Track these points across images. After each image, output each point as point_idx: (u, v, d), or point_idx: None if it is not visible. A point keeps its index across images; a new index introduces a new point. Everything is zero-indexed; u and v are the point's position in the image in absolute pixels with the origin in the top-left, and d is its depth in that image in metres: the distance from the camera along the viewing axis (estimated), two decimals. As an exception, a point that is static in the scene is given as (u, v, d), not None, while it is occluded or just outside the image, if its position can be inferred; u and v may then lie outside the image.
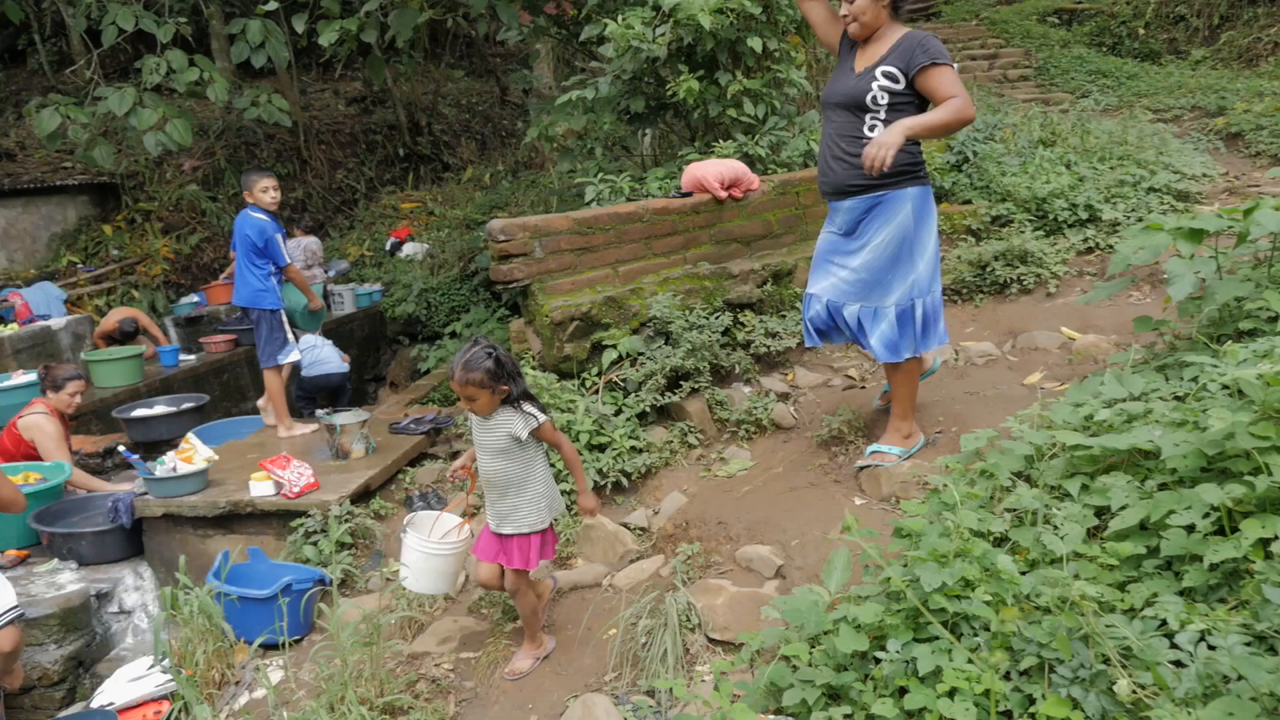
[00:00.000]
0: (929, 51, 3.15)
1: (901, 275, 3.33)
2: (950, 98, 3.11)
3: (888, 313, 3.35)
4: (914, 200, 3.29)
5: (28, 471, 5.09)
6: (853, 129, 3.28)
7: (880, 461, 3.52)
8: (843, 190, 3.35)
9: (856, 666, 2.33)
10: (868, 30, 3.27)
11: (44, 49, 14.41)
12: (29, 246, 11.80)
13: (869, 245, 3.33)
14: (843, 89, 3.30)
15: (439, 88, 15.01)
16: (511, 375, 3.03)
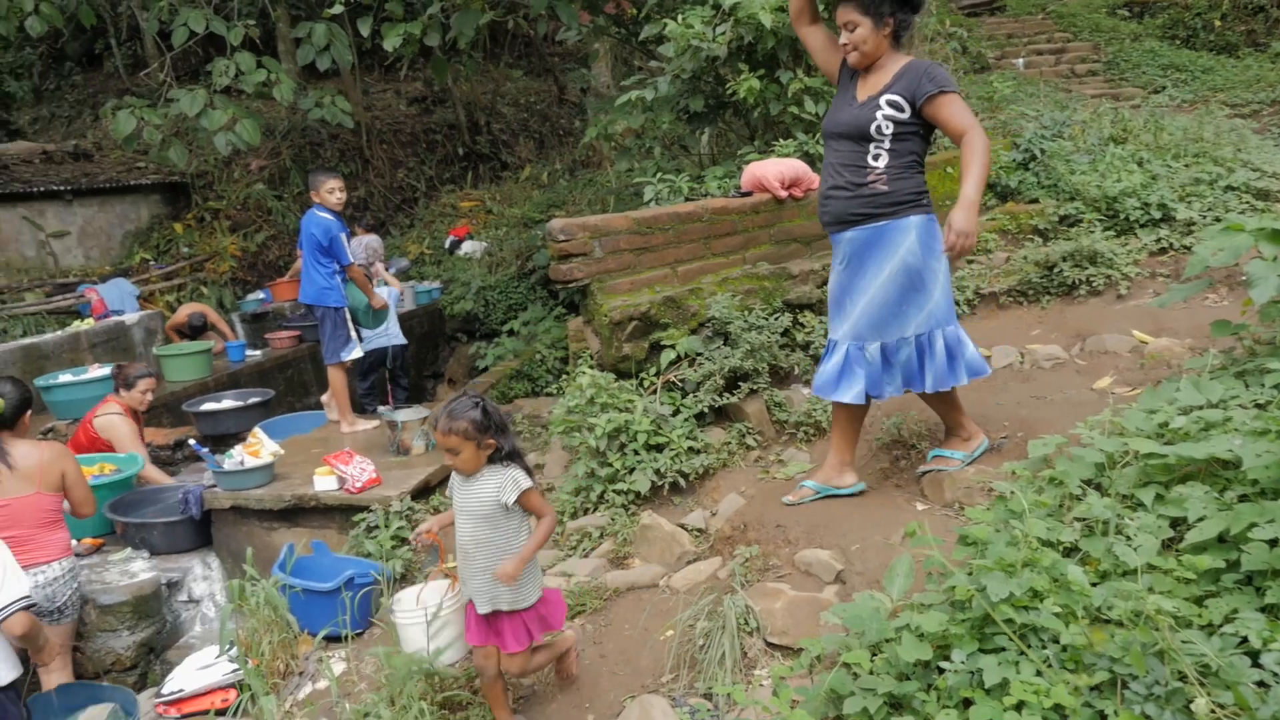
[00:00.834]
0: (936, 79, 3.06)
1: (917, 305, 3.21)
2: (963, 128, 3.03)
3: (908, 344, 3.25)
4: (918, 230, 3.17)
5: (103, 463, 5.26)
6: (856, 159, 3.18)
7: (943, 466, 3.45)
8: (843, 221, 3.25)
9: (919, 676, 2.29)
10: (868, 59, 3.17)
11: (119, 53, 14.89)
12: (104, 244, 12.21)
13: (878, 279, 3.21)
14: (846, 118, 3.21)
15: (498, 87, 15.16)
16: (499, 428, 2.78)
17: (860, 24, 3.11)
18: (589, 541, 3.99)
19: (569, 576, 3.71)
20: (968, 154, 3.02)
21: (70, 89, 16.17)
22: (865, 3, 3.10)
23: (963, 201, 2.98)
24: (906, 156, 3.17)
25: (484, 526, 2.82)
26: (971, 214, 2.95)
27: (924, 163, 3.24)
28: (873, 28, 3.10)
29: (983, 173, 3.01)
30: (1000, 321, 4.94)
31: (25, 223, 11.42)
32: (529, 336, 8.41)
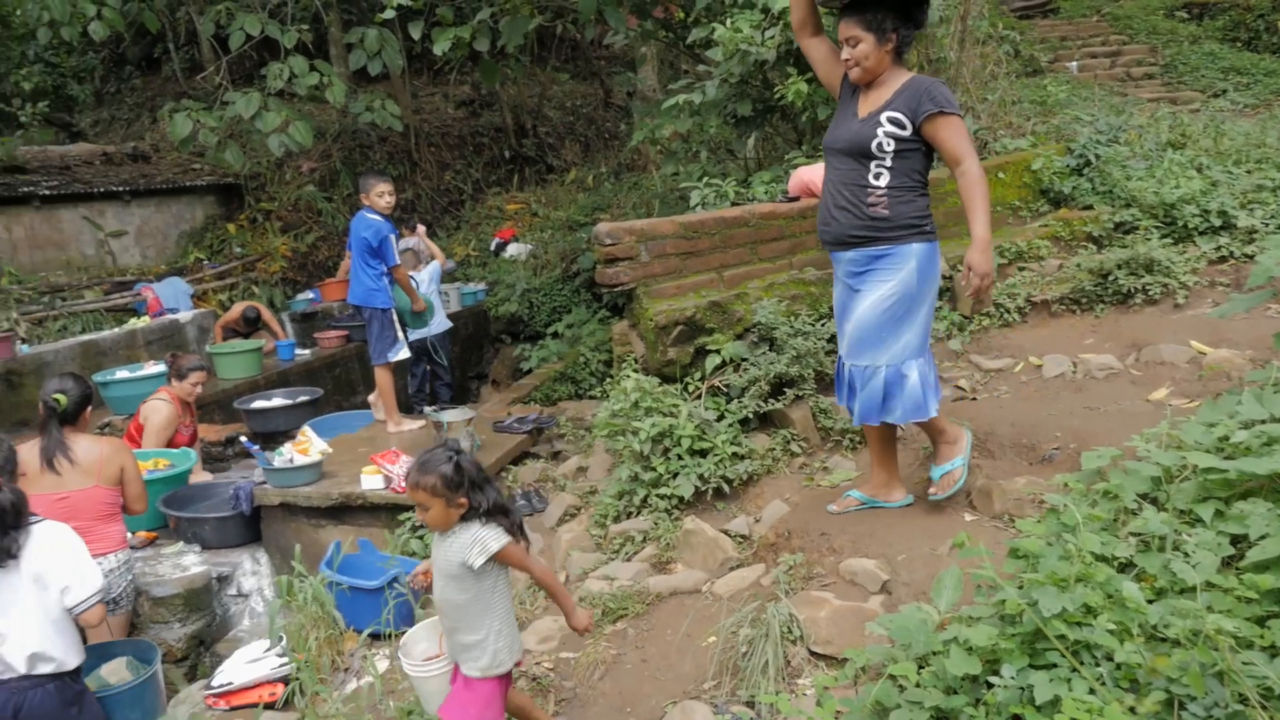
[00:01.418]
0: (936, 99, 2.98)
1: (897, 334, 3.15)
2: (959, 156, 2.97)
3: (878, 373, 3.18)
4: (919, 257, 3.10)
5: (157, 458, 5.38)
6: (857, 177, 3.10)
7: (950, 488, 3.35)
8: (844, 241, 3.17)
9: (967, 690, 2.25)
10: (870, 75, 3.09)
11: (177, 57, 15.24)
12: (160, 243, 12.50)
13: (869, 300, 3.14)
14: (846, 135, 3.13)
15: (544, 91, 15.25)
16: (474, 486, 2.59)
17: (863, 39, 3.03)
18: (631, 545, 3.99)
19: (611, 580, 3.72)
20: (969, 190, 2.95)
21: (130, 92, 16.59)
22: (868, 18, 3.02)
23: (978, 243, 2.93)
24: (909, 176, 3.07)
25: (452, 587, 2.64)
26: (989, 254, 2.93)
27: (927, 182, 3.16)
28: (875, 43, 3.03)
29: (987, 206, 2.96)
30: (1052, 330, 4.86)
31: (86, 222, 11.73)
32: (573, 339, 8.45)
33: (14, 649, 2.83)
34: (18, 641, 2.84)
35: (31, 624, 2.88)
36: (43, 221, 11.40)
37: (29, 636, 2.87)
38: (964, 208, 3.00)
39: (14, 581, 2.88)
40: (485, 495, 2.62)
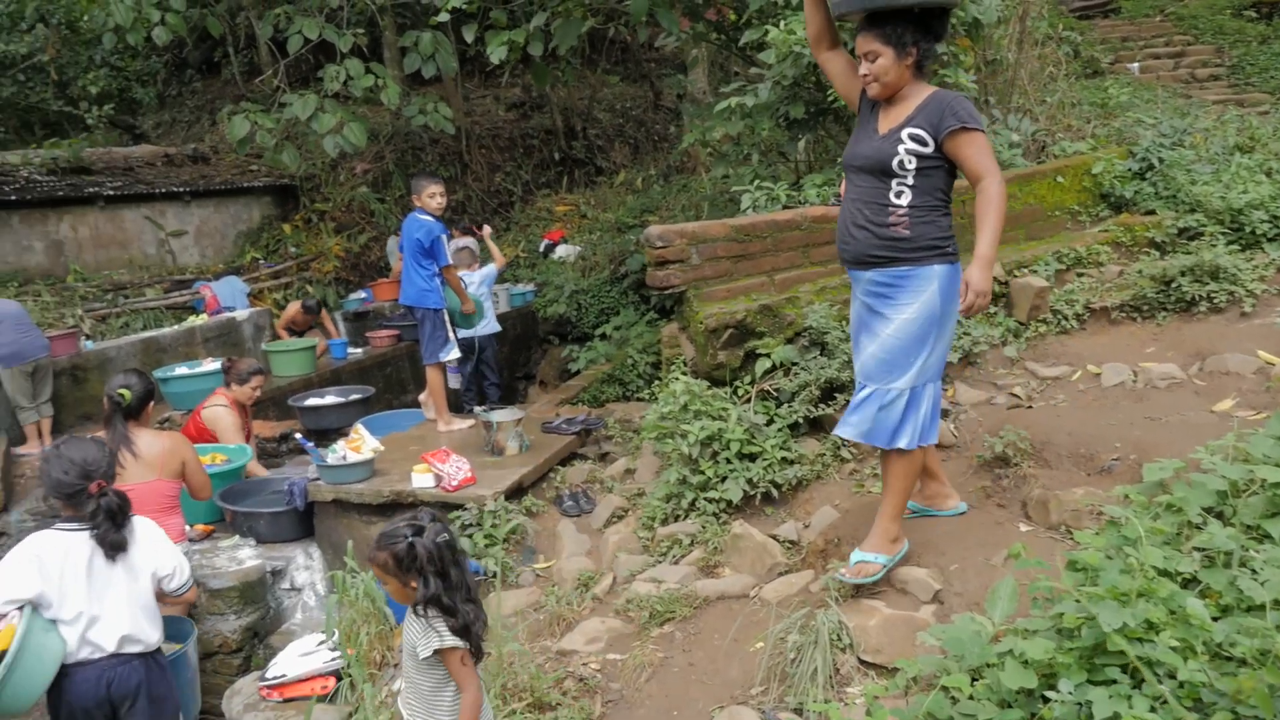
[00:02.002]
0: (959, 114, 2.86)
1: (921, 357, 3.03)
2: (981, 173, 2.85)
3: (901, 396, 3.04)
4: (941, 279, 2.96)
5: (215, 453, 5.50)
6: (877, 195, 2.99)
7: (859, 576, 3.10)
8: (864, 261, 3.05)
9: (1022, 704, 2.21)
10: (889, 91, 2.97)
11: (236, 60, 15.58)
12: (218, 243, 12.79)
13: (893, 325, 3.02)
14: (866, 151, 3.01)
15: (594, 93, 15.31)
16: (423, 572, 2.44)
17: (882, 54, 2.91)
18: (679, 548, 3.99)
19: (659, 582, 3.72)
20: (983, 205, 2.84)
21: (190, 95, 17.00)
22: (887, 31, 2.90)
23: (979, 259, 2.81)
24: (931, 195, 2.96)
25: (409, 664, 2.56)
26: (989, 272, 2.81)
27: (950, 201, 3.04)
28: (895, 58, 2.91)
29: (999, 226, 2.84)
30: (1111, 338, 4.75)
31: (147, 222, 12.05)
32: (621, 341, 8.46)
33: (105, 632, 3.02)
34: (110, 625, 3.03)
35: (123, 609, 3.08)
36: (107, 221, 11.74)
37: (120, 621, 3.06)
38: (977, 223, 2.87)
39: (110, 571, 3.08)
40: (430, 586, 2.44)
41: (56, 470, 3.07)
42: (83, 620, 2.99)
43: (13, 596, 2.92)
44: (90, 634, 3.00)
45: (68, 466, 3.05)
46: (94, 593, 3.02)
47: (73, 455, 3.09)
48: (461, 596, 2.51)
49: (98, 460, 3.13)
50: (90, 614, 3.00)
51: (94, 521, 3.03)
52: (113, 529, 3.05)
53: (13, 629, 2.86)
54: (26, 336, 7.25)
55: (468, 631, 2.49)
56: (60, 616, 2.98)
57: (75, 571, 3.00)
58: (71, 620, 2.98)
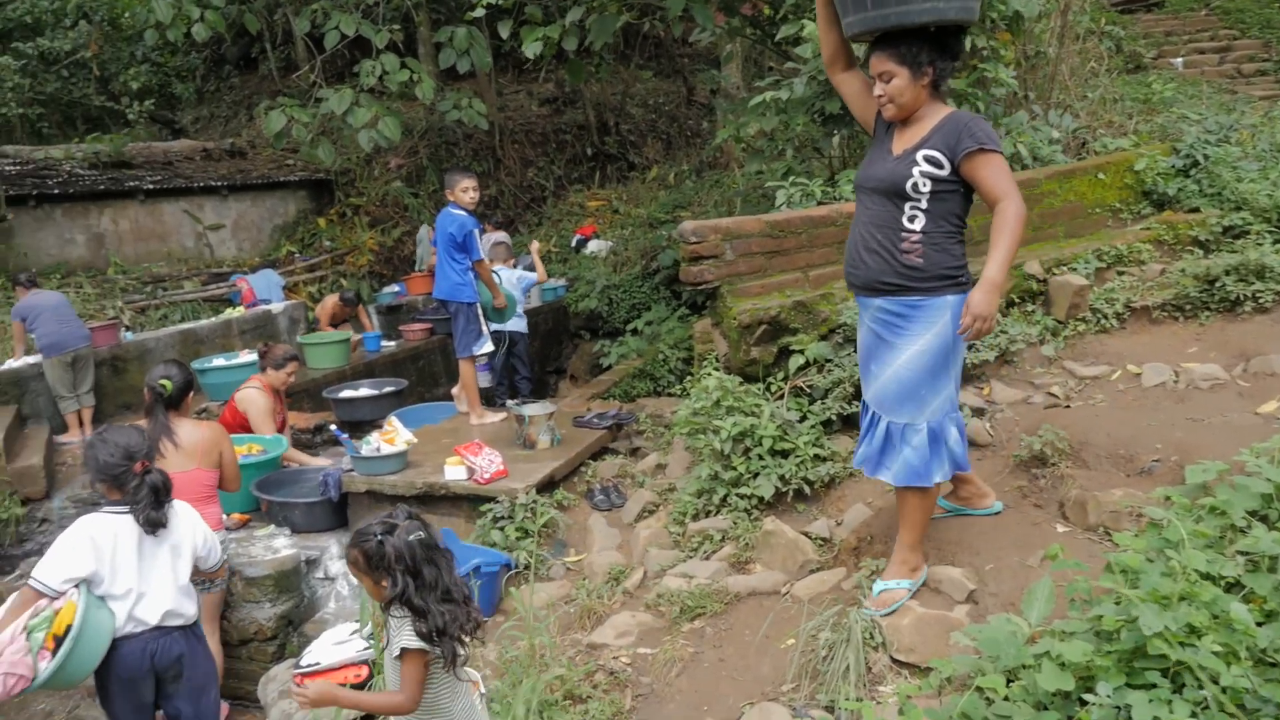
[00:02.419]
0: (976, 136, 2.75)
1: (936, 389, 2.93)
2: (1000, 194, 2.74)
3: (919, 430, 2.95)
4: (954, 309, 2.86)
5: (251, 443, 5.57)
6: (890, 219, 2.89)
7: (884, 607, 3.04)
8: (874, 287, 2.95)
9: (1059, 707, 2.19)
10: (905, 112, 2.88)
11: (273, 56, 15.77)
12: (255, 236, 12.96)
13: (904, 355, 2.93)
14: (880, 173, 2.92)
15: (628, 88, 15.32)
16: (391, 571, 2.46)
17: (897, 74, 2.82)
18: (710, 544, 3.98)
19: (689, 578, 3.72)
20: (999, 227, 2.74)
21: (228, 90, 17.23)
22: (902, 51, 2.80)
23: (985, 282, 2.71)
24: (946, 220, 2.86)
25: (387, 663, 2.56)
26: (993, 296, 2.71)
27: (964, 227, 2.95)
28: (910, 78, 2.81)
29: (1011, 249, 2.73)
30: (1152, 337, 4.67)
31: (186, 216, 12.24)
32: (652, 336, 8.47)
33: (149, 607, 3.19)
34: (153, 600, 3.20)
35: (167, 586, 3.25)
36: (146, 215, 11.94)
37: (164, 596, 3.24)
38: (990, 244, 2.77)
39: (155, 550, 3.25)
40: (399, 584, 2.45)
41: (102, 454, 3.20)
42: (131, 596, 3.15)
43: (71, 575, 3.06)
44: (136, 610, 3.16)
45: (112, 450, 3.19)
46: (141, 571, 3.19)
47: (116, 439, 3.24)
48: (436, 597, 2.50)
49: (139, 444, 3.28)
50: (138, 590, 3.17)
51: (137, 498, 3.17)
52: (154, 506, 3.19)
53: (73, 605, 3.00)
54: (66, 327, 7.39)
55: (441, 635, 2.47)
56: (111, 593, 3.13)
57: (125, 551, 3.16)
58: (121, 596, 3.14)
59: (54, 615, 2.98)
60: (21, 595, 3.07)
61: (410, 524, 2.55)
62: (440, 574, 2.53)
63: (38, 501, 6.69)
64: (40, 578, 3.05)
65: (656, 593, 3.73)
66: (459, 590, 2.58)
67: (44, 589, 3.04)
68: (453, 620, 2.50)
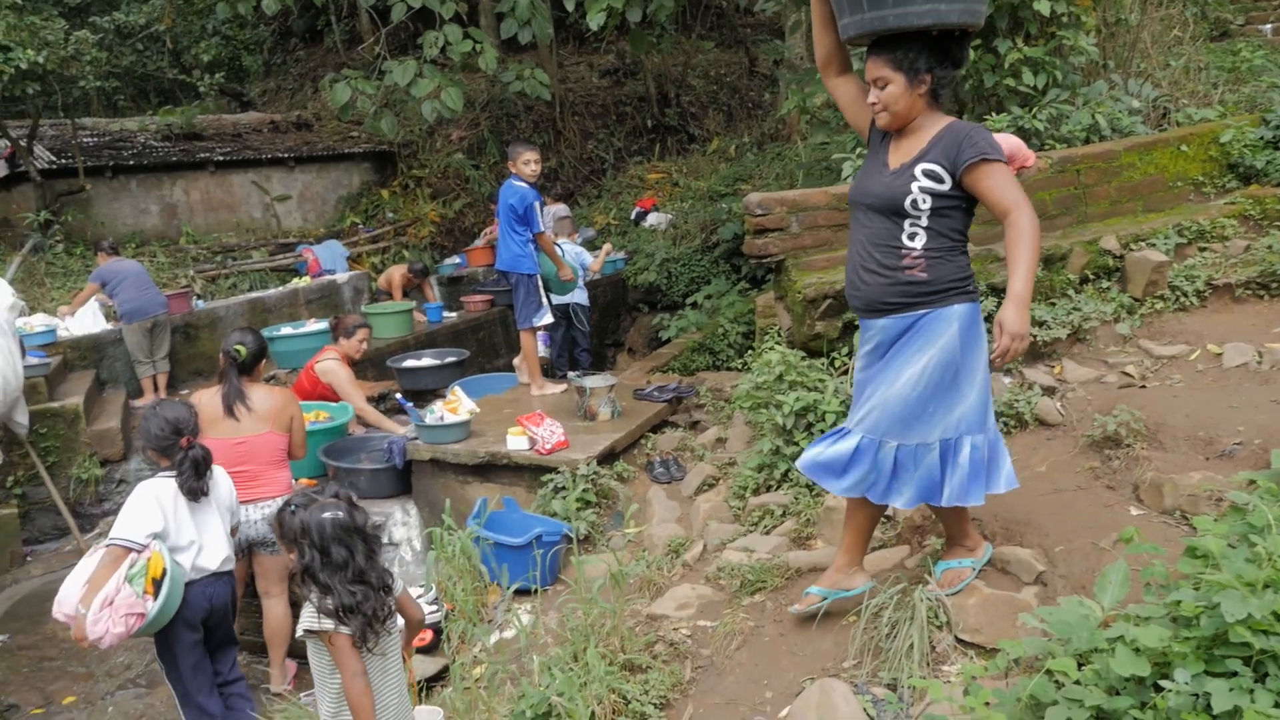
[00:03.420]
0: (978, 145, 2.59)
1: (947, 405, 2.75)
2: (1009, 205, 2.58)
3: (930, 450, 2.78)
4: (961, 320, 2.70)
5: (318, 410, 5.70)
6: (889, 236, 2.72)
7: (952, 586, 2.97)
8: (876, 308, 2.78)
9: (1132, 692, 2.14)
10: (900, 122, 2.70)
11: (338, 29, 15.93)
12: (320, 208, 13.18)
13: (909, 370, 2.75)
14: (876, 189, 2.74)
15: (689, 59, 15.17)
16: (298, 543, 2.61)
17: (892, 81, 2.65)
18: (770, 519, 3.97)
19: (750, 552, 3.71)
20: (1015, 240, 2.58)
21: (294, 63, 17.48)
22: (898, 56, 2.63)
23: (1014, 298, 2.56)
24: (947, 236, 2.70)
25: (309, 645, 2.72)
26: (1024, 313, 2.57)
27: (967, 238, 2.77)
28: (906, 85, 2.64)
29: (1034, 262, 2.59)
30: (1235, 316, 4.50)
31: (254, 187, 12.49)
32: (712, 310, 8.43)
33: (209, 556, 3.60)
34: (211, 550, 3.61)
35: (220, 539, 3.69)
36: (216, 185, 12.22)
37: (219, 547, 3.67)
38: (1008, 259, 2.63)
39: (208, 509, 3.66)
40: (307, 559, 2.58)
41: (154, 426, 3.57)
42: (194, 548, 3.56)
43: (150, 529, 3.42)
44: (199, 559, 3.57)
45: (162, 424, 3.55)
46: (198, 525, 3.60)
47: (167, 414, 3.58)
48: (346, 577, 2.59)
49: (187, 419, 3.61)
50: (199, 542, 3.58)
51: (180, 469, 3.54)
52: (195, 477, 3.56)
53: (159, 556, 3.39)
54: (146, 294, 7.63)
55: (349, 612, 2.55)
56: (177, 545, 3.51)
57: (183, 508, 3.56)
58: (185, 548, 3.53)
59: (146, 565, 3.35)
60: (110, 554, 3.39)
61: (331, 502, 2.66)
62: (353, 556, 2.63)
63: (115, 463, 6.96)
64: (126, 535, 3.39)
65: (716, 566, 3.73)
66: (378, 578, 2.68)
67: (130, 544, 3.38)
68: (364, 600, 2.59)
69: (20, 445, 6.47)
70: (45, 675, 4.75)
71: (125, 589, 3.30)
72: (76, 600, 3.35)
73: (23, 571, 6.07)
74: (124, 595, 3.29)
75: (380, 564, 2.72)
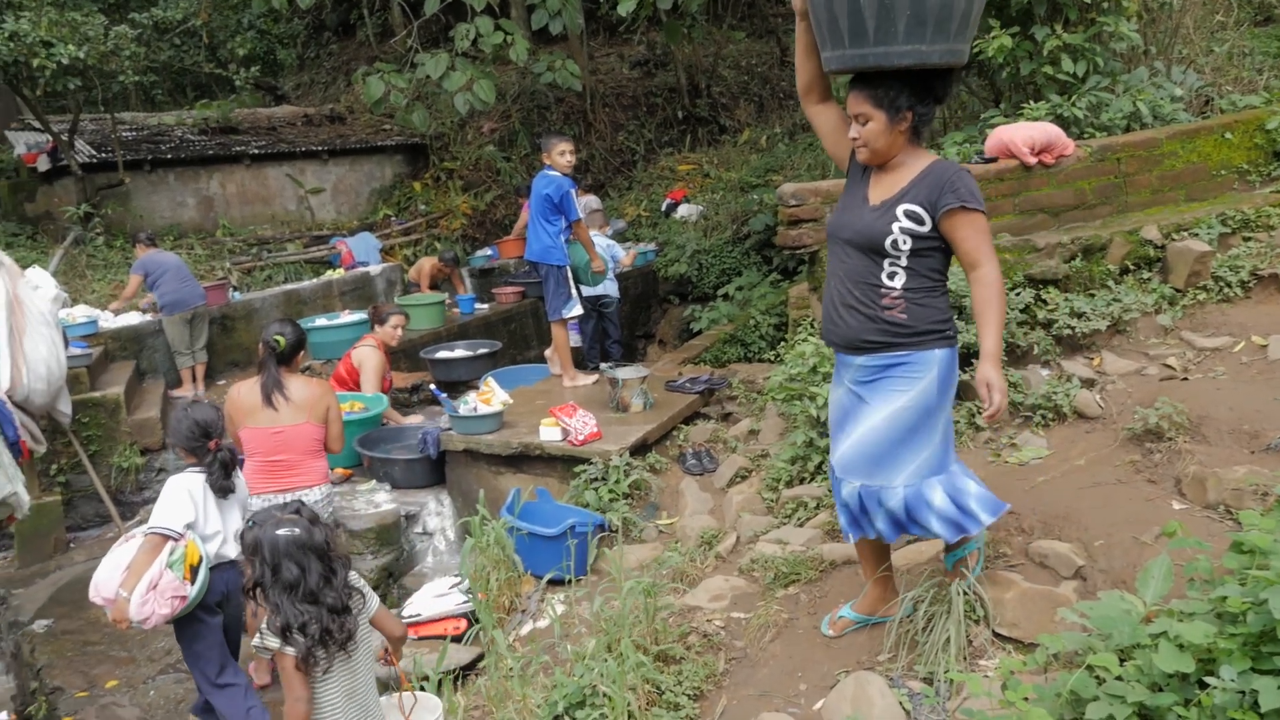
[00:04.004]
0: (959, 192, 2.54)
1: (914, 450, 2.71)
2: (978, 260, 2.57)
3: (895, 494, 2.73)
4: (940, 365, 2.67)
5: (353, 400, 5.76)
6: (868, 274, 2.67)
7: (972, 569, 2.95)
8: (855, 345, 2.73)
9: (1176, 689, 2.11)
10: (880, 158, 2.66)
11: (370, 22, 16.02)
12: (353, 200, 13.27)
13: (883, 411, 2.70)
14: (857, 225, 2.69)
15: (719, 50, 15.08)
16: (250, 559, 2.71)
17: (872, 117, 2.59)
18: (804, 511, 3.96)
19: (783, 544, 3.70)
20: (985, 298, 2.57)
21: (327, 57, 17.61)
22: (878, 93, 2.57)
23: (992, 357, 2.57)
24: (927, 276, 2.66)
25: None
26: (999, 367, 2.59)
27: (946, 280, 2.73)
28: (887, 123, 2.58)
29: (1003, 319, 2.61)
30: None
31: (289, 179, 12.60)
32: (743, 301, 8.40)
33: (230, 545, 3.78)
34: (231, 541, 3.79)
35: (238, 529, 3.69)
36: (252, 178, 12.34)
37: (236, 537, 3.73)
38: (977, 318, 2.63)
39: (231, 503, 3.87)
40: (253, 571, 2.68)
41: (184, 427, 3.76)
42: (218, 538, 3.77)
43: (186, 520, 3.64)
44: (222, 548, 3.78)
45: (192, 426, 3.75)
46: (222, 517, 3.81)
47: (196, 417, 3.78)
48: (297, 596, 2.62)
49: (215, 422, 3.83)
50: (223, 533, 3.79)
51: (210, 470, 3.75)
52: (224, 476, 3.79)
53: (194, 544, 3.61)
54: (186, 286, 7.75)
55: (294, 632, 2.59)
56: (205, 534, 3.72)
57: (210, 501, 3.78)
58: (212, 537, 3.75)
59: (185, 553, 3.57)
60: (150, 542, 3.58)
61: (289, 519, 2.70)
62: (305, 575, 2.64)
63: (155, 452, 7.07)
64: (165, 525, 3.59)
65: (750, 558, 3.73)
66: (335, 598, 2.68)
67: (170, 533, 3.58)
68: (311, 620, 2.61)
69: (63, 434, 6.60)
70: (89, 659, 4.85)
71: (168, 574, 3.51)
72: (116, 585, 3.51)
73: (66, 558, 6.19)
74: (168, 579, 3.50)
75: (340, 584, 2.72)
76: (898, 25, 2.46)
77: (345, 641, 2.70)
